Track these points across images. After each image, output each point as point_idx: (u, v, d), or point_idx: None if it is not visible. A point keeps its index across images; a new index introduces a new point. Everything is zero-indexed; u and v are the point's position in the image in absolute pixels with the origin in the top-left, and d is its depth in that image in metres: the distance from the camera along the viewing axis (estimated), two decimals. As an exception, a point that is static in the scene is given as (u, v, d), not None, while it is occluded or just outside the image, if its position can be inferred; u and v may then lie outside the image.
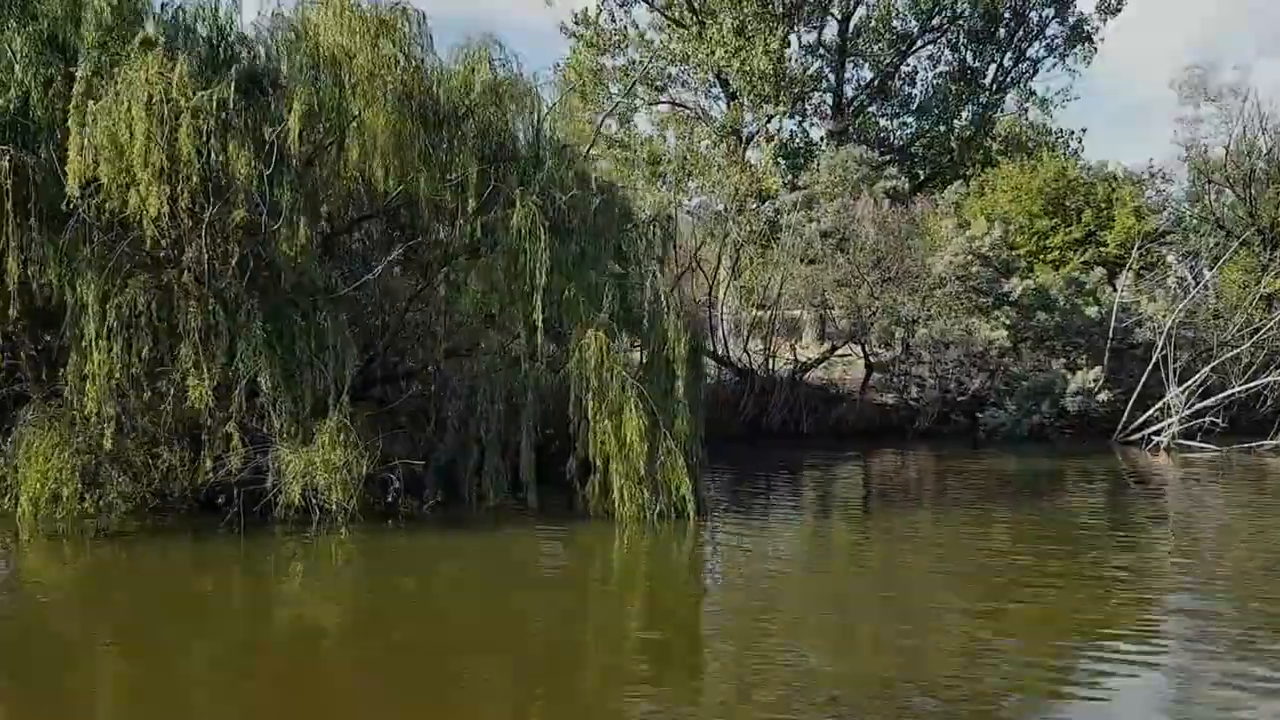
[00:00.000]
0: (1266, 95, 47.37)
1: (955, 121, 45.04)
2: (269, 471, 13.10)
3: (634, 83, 36.26)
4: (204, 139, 11.89)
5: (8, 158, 11.33)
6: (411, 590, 11.61)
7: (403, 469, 13.55)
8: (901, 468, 22.22)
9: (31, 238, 11.57)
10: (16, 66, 12.74)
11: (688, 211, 34.04)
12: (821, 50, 44.66)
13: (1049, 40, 45.79)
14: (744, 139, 43.12)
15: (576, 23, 45.02)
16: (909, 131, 46.07)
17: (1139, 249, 27.76)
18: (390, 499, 13.67)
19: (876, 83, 46.40)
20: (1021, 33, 45.64)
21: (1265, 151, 38.56)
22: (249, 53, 13.23)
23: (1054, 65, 46.15)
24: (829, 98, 45.81)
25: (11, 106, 12.53)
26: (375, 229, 14.72)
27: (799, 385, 27.98)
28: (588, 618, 10.64)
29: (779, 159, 40.04)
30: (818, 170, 33.47)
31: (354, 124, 13.26)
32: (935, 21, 44.02)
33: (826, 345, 30.05)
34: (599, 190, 15.01)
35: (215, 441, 12.71)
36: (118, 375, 12.09)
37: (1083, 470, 21.02)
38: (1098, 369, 25.67)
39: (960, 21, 44.44)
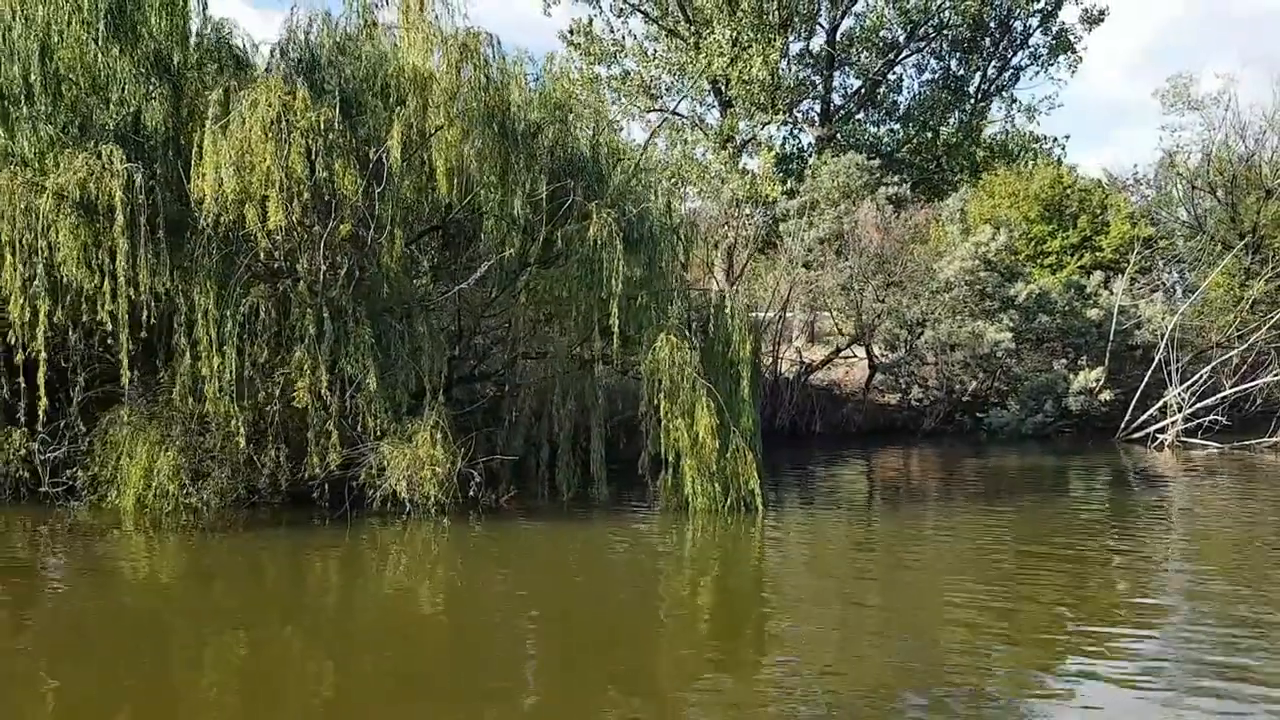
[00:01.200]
0: (1246, 104, 48.88)
1: (942, 128, 46.32)
2: (364, 467, 13.97)
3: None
4: (314, 157, 12.73)
5: (139, 174, 12.14)
6: (501, 576, 12.43)
7: (481, 465, 14.39)
8: (923, 466, 23.28)
9: (158, 249, 12.36)
10: (126, 85, 13.54)
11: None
12: (809, 59, 45.82)
13: (1033, 49, 47.31)
14: (739, 146, 44.16)
15: (572, 32, 45.89)
16: (896, 138, 47.27)
17: (1138, 254, 29.01)
18: (471, 493, 14.52)
19: (864, 91, 47.73)
20: (1006, 42, 47.10)
21: (1245, 158, 40.14)
22: (339, 75, 14.04)
23: (1036, 73, 47.65)
24: (816, 105, 47.08)
25: (124, 123, 13.34)
26: (450, 239, 15.54)
27: (805, 386, 29.01)
28: (668, 602, 11.36)
29: (776, 165, 41.04)
30: (819, 176, 34.42)
31: (437, 141, 14.15)
32: (921, 31, 45.26)
33: (831, 347, 31.07)
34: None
35: (319, 439, 13.52)
36: (233, 376, 12.89)
37: (1094, 467, 22.19)
38: (1099, 370, 26.90)
39: (946, 31, 45.76)
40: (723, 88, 42.62)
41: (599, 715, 7.80)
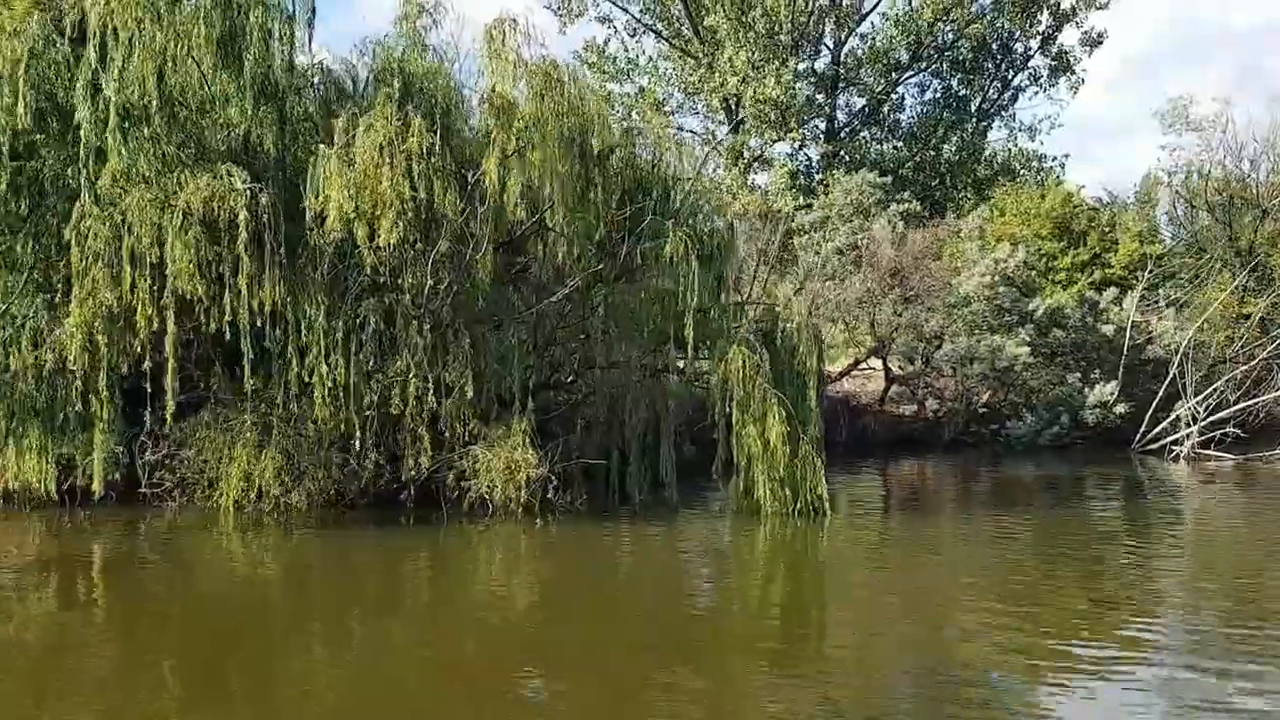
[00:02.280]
0: (1244, 124, 50.36)
1: (944, 146, 47.44)
2: (453, 470, 14.81)
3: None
4: (418, 179, 13.58)
5: (262, 193, 12.96)
6: (584, 573, 13.17)
7: (557, 469, 15.21)
8: (953, 475, 24.22)
9: (277, 264, 13.18)
10: (234, 109, 14.36)
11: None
12: (814, 78, 46.92)
13: (1033, 70, 48.54)
14: (748, 162, 45.18)
15: (586, 49, 46.86)
16: (899, 156, 48.38)
17: (1151, 272, 30.09)
18: (549, 495, 15.33)
19: (868, 109, 48.90)
20: (1007, 62, 48.31)
21: (1242, 179, 41.43)
22: (432, 102, 14.88)
23: (1036, 93, 48.89)
24: (821, 123, 48.17)
25: (234, 144, 14.17)
26: (533, 254, 16.38)
27: (824, 398, 29.85)
28: (745, 600, 12.00)
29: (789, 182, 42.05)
30: (833, 192, 35.39)
31: (524, 163, 15.00)
32: (924, 51, 46.40)
33: (850, 359, 31.95)
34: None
35: (414, 442, 14.33)
36: (340, 384, 13.71)
37: (1112, 478, 23.04)
38: (1113, 383, 27.91)
39: (948, 51, 46.94)
40: (733, 106, 43.68)
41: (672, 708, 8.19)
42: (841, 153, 46.79)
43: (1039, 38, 47.09)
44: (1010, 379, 28.97)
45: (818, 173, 45.94)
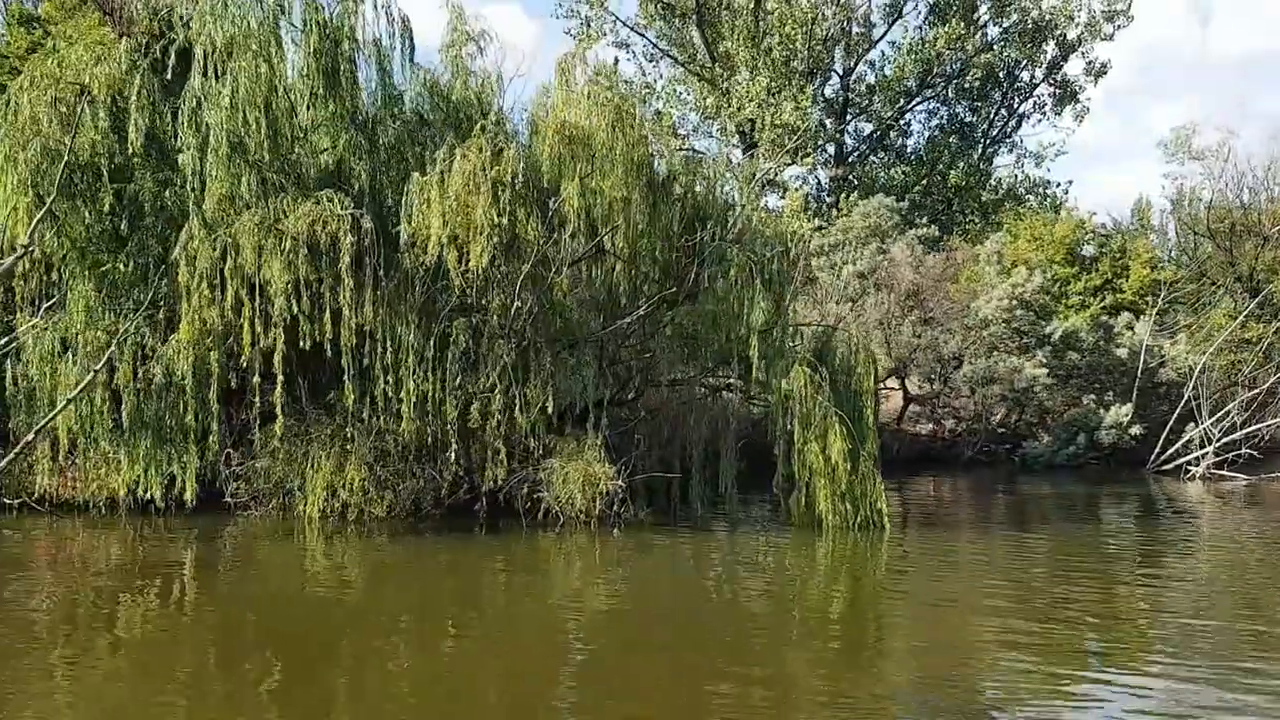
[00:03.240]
0: (1244, 154, 51.75)
1: (951, 172, 48.47)
2: (527, 481, 15.54)
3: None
4: (504, 206, 14.35)
5: (365, 218, 13.72)
6: (654, 581, 13.78)
7: (627, 482, 15.93)
8: (979, 492, 24.96)
9: (376, 285, 13.92)
10: (326, 136, 15.13)
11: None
12: (824, 103, 47.96)
13: (1038, 99, 49.67)
14: (762, 185, 46.03)
15: (598, 73, 47.61)
16: (907, 180, 49.39)
17: (1164, 298, 31.06)
18: (614, 507, 16.04)
19: (876, 135, 49.99)
20: (1012, 90, 49.43)
21: (1244, 207, 42.61)
22: (502, 133, 15.66)
23: (1039, 120, 50.00)
24: (830, 147, 49.22)
25: (328, 171, 14.93)
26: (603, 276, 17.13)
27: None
28: (807, 610, 12.46)
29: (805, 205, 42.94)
30: (850, 216, 36.21)
31: (598, 190, 15.79)
32: (932, 79, 47.47)
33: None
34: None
35: (493, 455, 15.06)
36: (429, 399, 14.45)
37: (1133, 497, 23.83)
38: (1128, 405, 28.80)
39: (956, 79, 48.03)
40: (746, 130, 44.63)
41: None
42: (850, 177, 47.80)
43: (1044, 67, 48.18)
44: (1027, 400, 29.83)
45: (828, 196, 46.98)
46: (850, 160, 49.74)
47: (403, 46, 15.57)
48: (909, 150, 51.47)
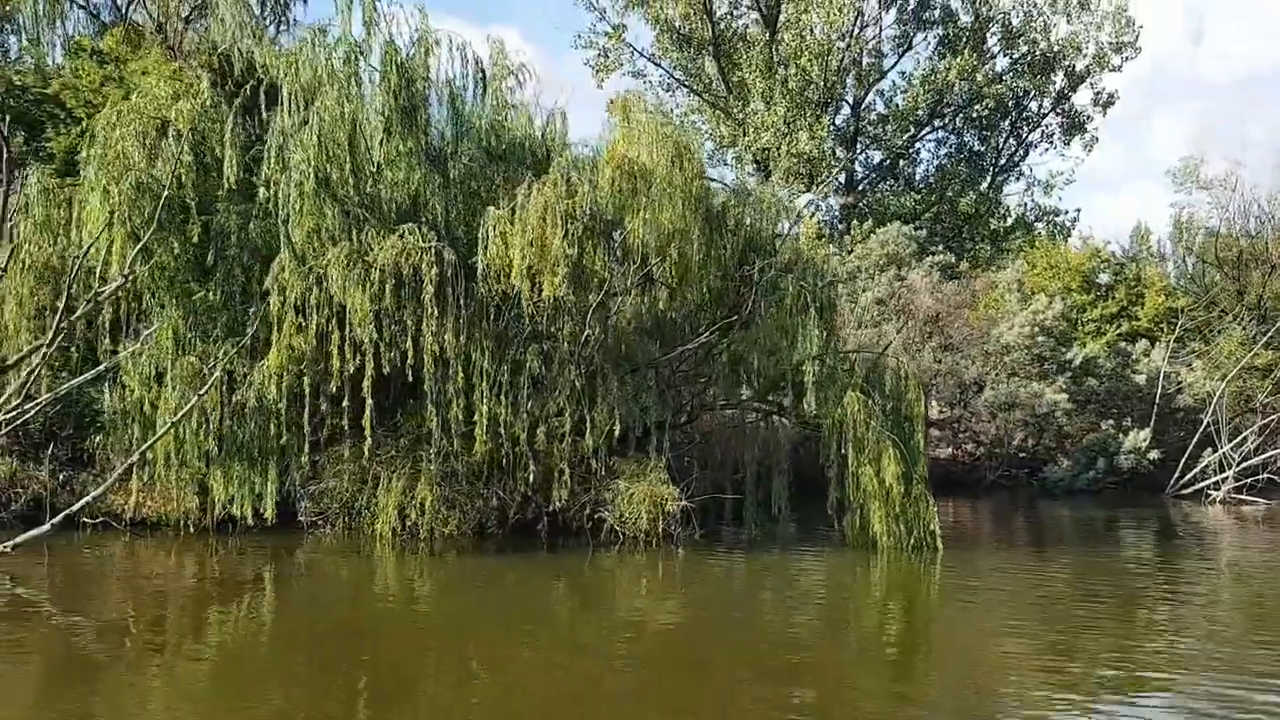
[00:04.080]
0: (1249, 181, 52.72)
1: (961, 200, 49.28)
2: (589, 502, 16.15)
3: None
4: (574, 238, 15.03)
5: (449, 251, 14.38)
6: (714, 599, 14.28)
7: (684, 503, 16.52)
8: (1006, 515, 25.59)
9: (457, 314, 14.57)
10: (402, 171, 15.81)
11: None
12: (835, 132, 48.80)
13: (1046, 128, 50.54)
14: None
15: (612, 103, 48.40)
16: (917, 208, 50.18)
17: (1181, 326, 31.81)
18: (671, 527, 16.61)
19: (886, 163, 50.87)
20: (1021, 120, 50.31)
21: (1251, 236, 43.52)
22: (574, 168, 16.33)
23: (1047, 150, 50.87)
24: (841, 176, 50.04)
25: (404, 203, 15.60)
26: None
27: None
28: (865, 631, 12.82)
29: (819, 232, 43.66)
30: (868, 243, 36.93)
31: (658, 222, 16.45)
32: (942, 109, 48.35)
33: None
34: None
35: (558, 476, 15.67)
36: (499, 422, 15.07)
37: (1154, 521, 24.38)
38: (1146, 430, 29.47)
39: (965, 109, 48.92)
40: (761, 159, 45.41)
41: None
42: (860, 204, 48.60)
43: (1052, 97, 49.06)
44: (1047, 424, 30.49)
45: (840, 223, 47.74)
46: (861, 188, 50.56)
47: (475, 85, 16.27)
48: (917, 178, 52.33)
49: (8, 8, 20.84)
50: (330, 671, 9.89)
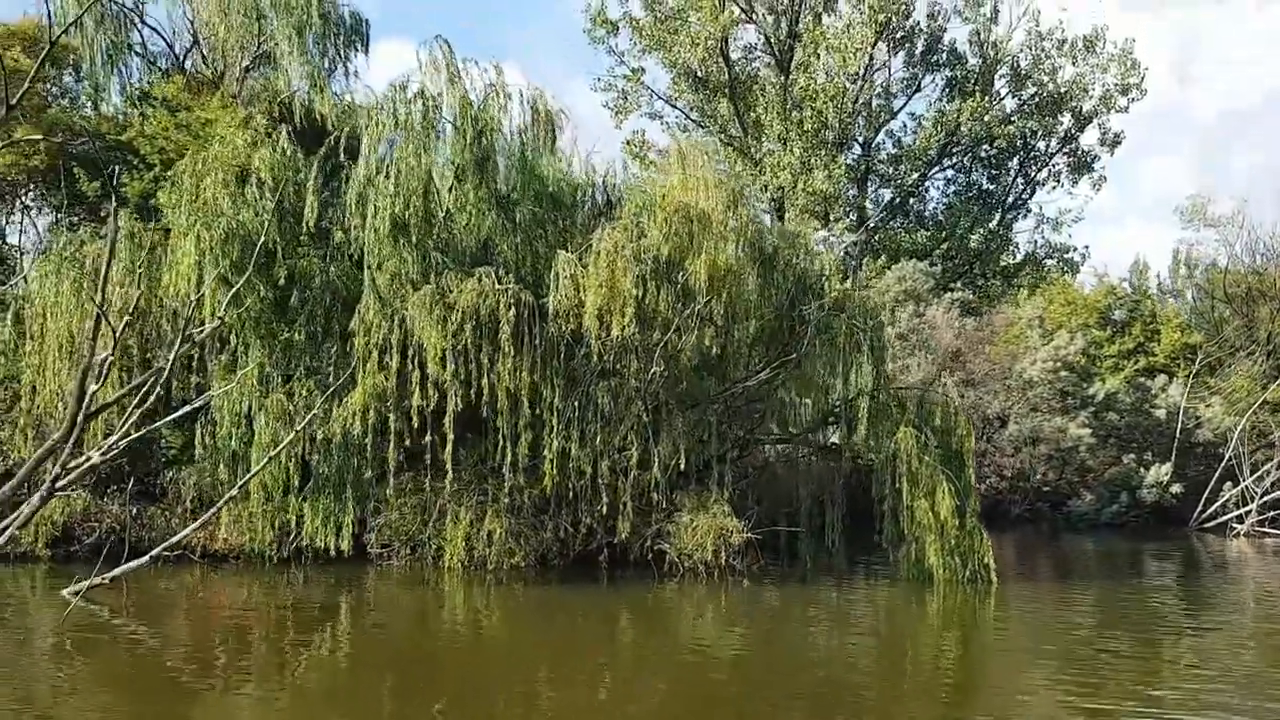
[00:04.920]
0: (1257, 220, 53.96)
1: (970, 237, 50.07)
2: (649, 534, 16.71)
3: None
4: (640, 281, 15.66)
5: (526, 294, 15.02)
6: (777, 629, 14.78)
7: (744, 534, 17.04)
8: (1036, 548, 26.09)
9: (532, 353, 15.18)
10: (473, 216, 16.47)
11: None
12: (847, 171, 49.61)
13: (1054, 168, 51.44)
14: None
15: (630, 143, 49.45)
16: (928, 245, 50.91)
17: (1200, 362, 32.50)
18: (731, 559, 17.12)
19: (896, 201, 51.70)
20: (1030, 159, 51.22)
21: (1259, 273, 44.32)
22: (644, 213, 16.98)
23: (1054, 188, 51.73)
24: (853, 213, 50.83)
25: (476, 247, 16.26)
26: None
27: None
28: (920, 662, 13.22)
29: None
30: (886, 279, 37.62)
31: (714, 264, 17.08)
32: (953, 148, 49.23)
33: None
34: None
35: (621, 508, 16.22)
36: (567, 455, 15.65)
37: (1181, 554, 24.91)
38: (1168, 465, 30.07)
39: (974, 149, 49.82)
40: (778, 198, 46.20)
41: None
42: (872, 241, 49.37)
43: (1059, 137, 49.97)
44: (1071, 459, 31.09)
45: (852, 260, 48.46)
46: (872, 225, 51.33)
47: (546, 136, 16.94)
48: (927, 215, 53.14)
49: (74, 57, 21.55)
50: (407, 696, 10.34)
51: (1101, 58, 48.18)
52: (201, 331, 13.80)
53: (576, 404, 15.67)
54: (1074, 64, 48.22)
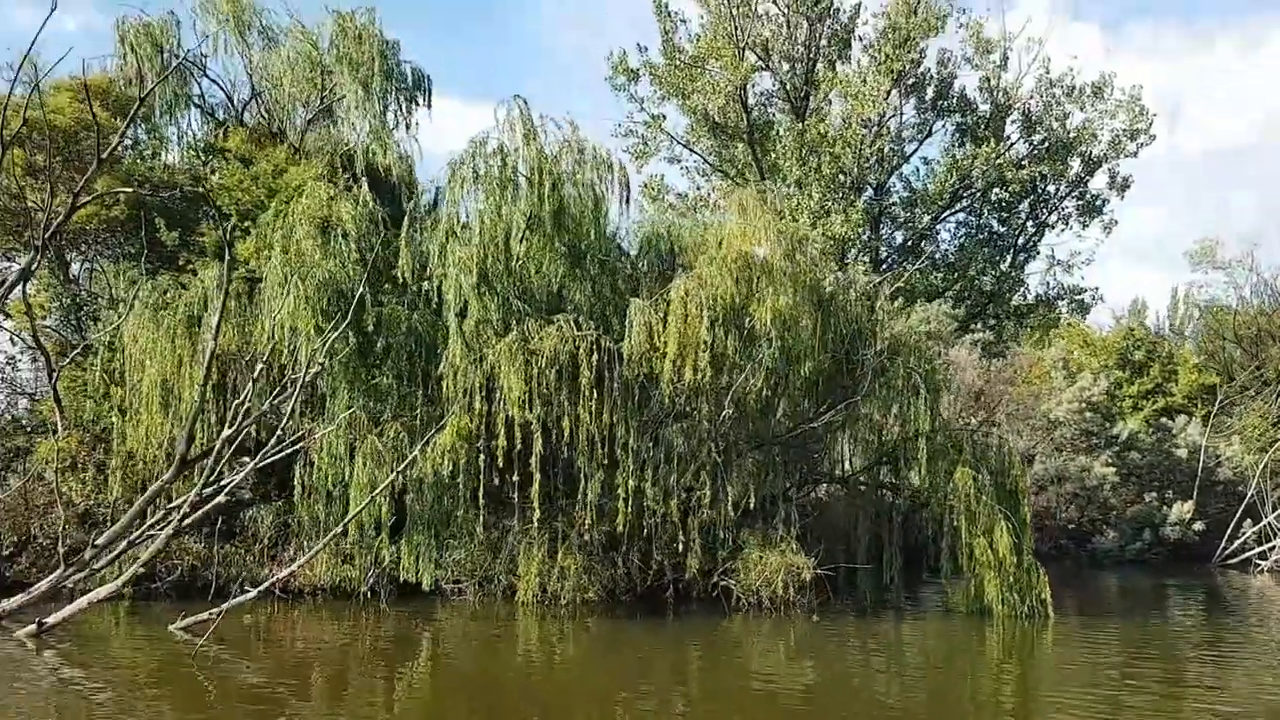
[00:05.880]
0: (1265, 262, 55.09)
1: (983, 278, 50.93)
2: (718, 568, 17.33)
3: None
4: (710, 326, 16.39)
5: (606, 340, 15.74)
6: (841, 662, 15.20)
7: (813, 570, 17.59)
8: (1071, 581, 26.56)
9: (612, 395, 15.88)
10: (547, 265, 17.22)
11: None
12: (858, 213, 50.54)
13: (1063, 211, 52.42)
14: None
15: (648, 186, 50.39)
16: (940, 286, 51.73)
17: (1220, 403, 33.28)
18: (798, 595, 17.63)
19: (909, 243, 52.64)
20: (1041, 202, 52.21)
21: (1267, 314, 45.30)
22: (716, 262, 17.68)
23: (1063, 230, 52.68)
24: (866, 255, 51.72)
25: (552, 295, 17.00)
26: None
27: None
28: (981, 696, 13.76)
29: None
30: (910, 320, 38.29)
31: (775, 309, 17.78)
32: (965, 192, 50.23)
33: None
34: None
35: (689, 545, 16.85)
36: (641, 493, 16.30)
37: (1204, 590, 25.38)
38: (1190, 502, 30.76)
39: (985, 194, 50.81)
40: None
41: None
42: (884, 283, 50.09)
43: (1069, 182, 50.98)
44: (1095, 497, 31.76)
45: (867, 300, 49.17)
46: (885, 267, 52.20)
47: (621, 191, 17.79)
48: (938, 258, 54.01)
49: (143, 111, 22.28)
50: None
51: (1109, 104, 49.35)
52: (306, 375, 14.45)
53: (650, 444, 16.31)
54: (1081, 110, 49.36)
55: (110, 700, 11.79)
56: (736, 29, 46.85)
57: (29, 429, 19.89)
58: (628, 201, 17.96)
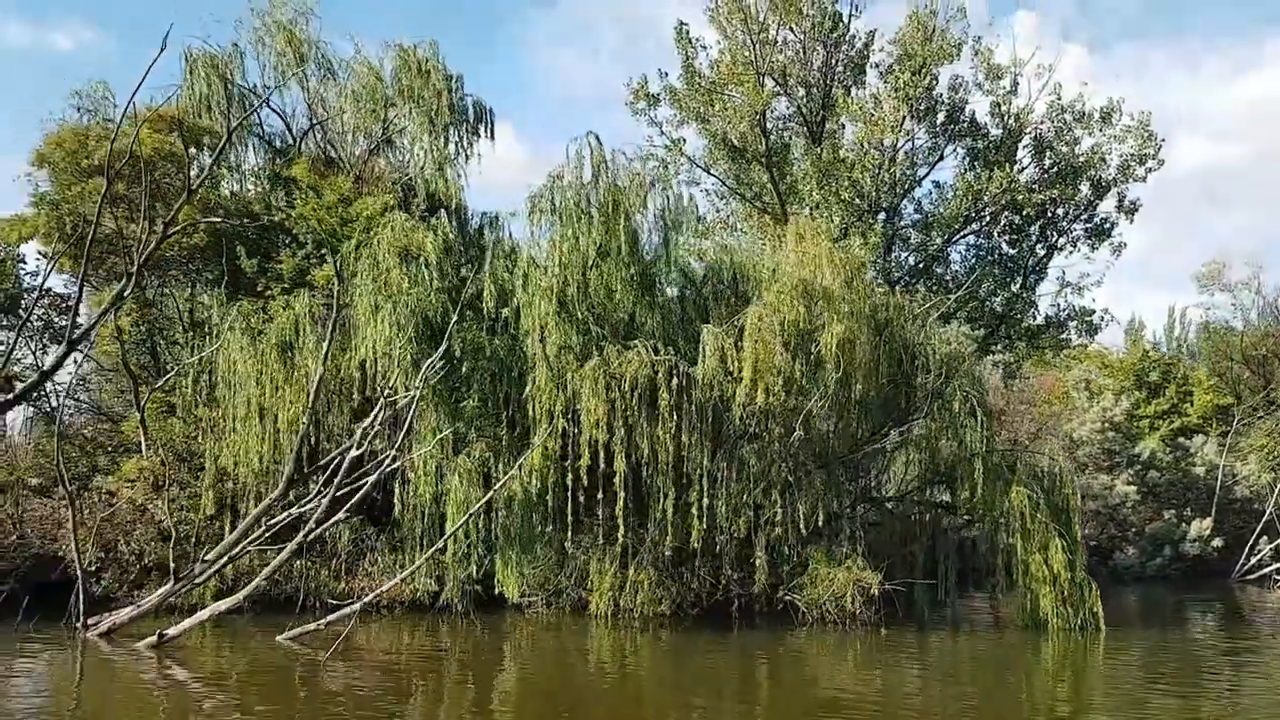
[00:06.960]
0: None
1: (994, 300, 51.80)
2: (783, 583, 18.09)
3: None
4: (783, 351, 17.20)
5: (683, 364, 16.52)
6: (906, 675, 15.82)
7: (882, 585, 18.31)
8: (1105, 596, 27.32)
9: (689, 419, 16.66)
10: (620, 292, 18.03)
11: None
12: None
13: (1072, 234, 53.36)
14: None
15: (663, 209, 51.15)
16: (951, 308, 52.47)
17: (1238, 422, 34.17)
18: (866, 608, 18.32)
19: (920, 266, 53.51)
20: (1050, 225, 53.13)
21: (1277, 336, 46.23)
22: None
23: (1071, 252, 53.58)
24: (879, 278, 52.50)
25: (625, 321, 17.81)
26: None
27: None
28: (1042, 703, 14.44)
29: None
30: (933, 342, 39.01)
31: (835, 335, 18.58)
32: (976, 215, 51.12)
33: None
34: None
35: (754, 560, 17.61)
36: (715, 512, 17.05)
37: (1224, 604, 26.19)
38: (1208, 519, 31.63)
39: (998, 216, 51.70)
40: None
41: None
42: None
43: (1078, 205, 51.92)
44: (1116, 514, 32.57)
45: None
46: (898, 290, 53.00)
47: (689, 220, 18.58)
48: (949, 280, 54.85)
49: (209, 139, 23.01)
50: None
51: (1118, 129, 50.36)
52: (413, 399, 15.21)
53: (723, 464, 17.09)
54: (1090, 135, 50.35)
55: (221, 705, 12.50)
56: (756, 55, 47.83)
57: (110, 449, 20.55)
58: (696, 229, 18.71)
